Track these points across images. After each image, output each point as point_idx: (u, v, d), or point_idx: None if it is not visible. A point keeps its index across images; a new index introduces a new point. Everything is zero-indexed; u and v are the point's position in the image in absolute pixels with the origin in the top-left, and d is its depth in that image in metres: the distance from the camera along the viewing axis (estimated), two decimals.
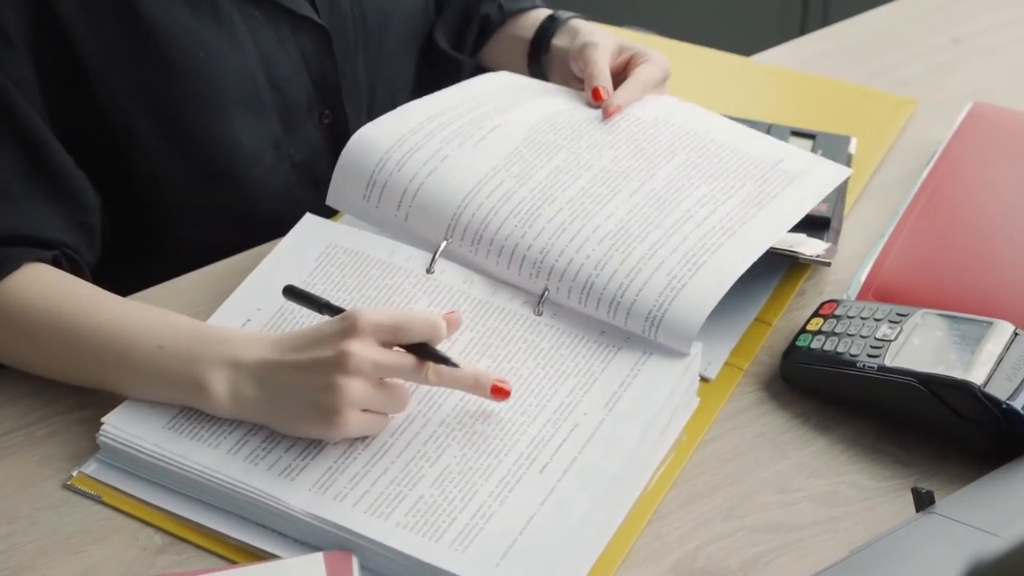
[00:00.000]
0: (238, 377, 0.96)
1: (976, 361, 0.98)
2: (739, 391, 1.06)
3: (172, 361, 0.98)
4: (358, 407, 0.93)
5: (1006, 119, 1.29)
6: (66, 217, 1.13)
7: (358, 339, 0.93)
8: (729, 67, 1.47)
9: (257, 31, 1.19)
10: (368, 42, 1.29)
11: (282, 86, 1.22)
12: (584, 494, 0.92)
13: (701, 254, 1.04)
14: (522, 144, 1.15)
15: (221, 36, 1.17)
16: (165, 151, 1.19)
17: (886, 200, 1.25)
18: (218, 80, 1.17)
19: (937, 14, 1.55)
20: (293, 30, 1.22)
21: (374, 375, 0.94)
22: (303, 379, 0.94)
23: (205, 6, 1.16)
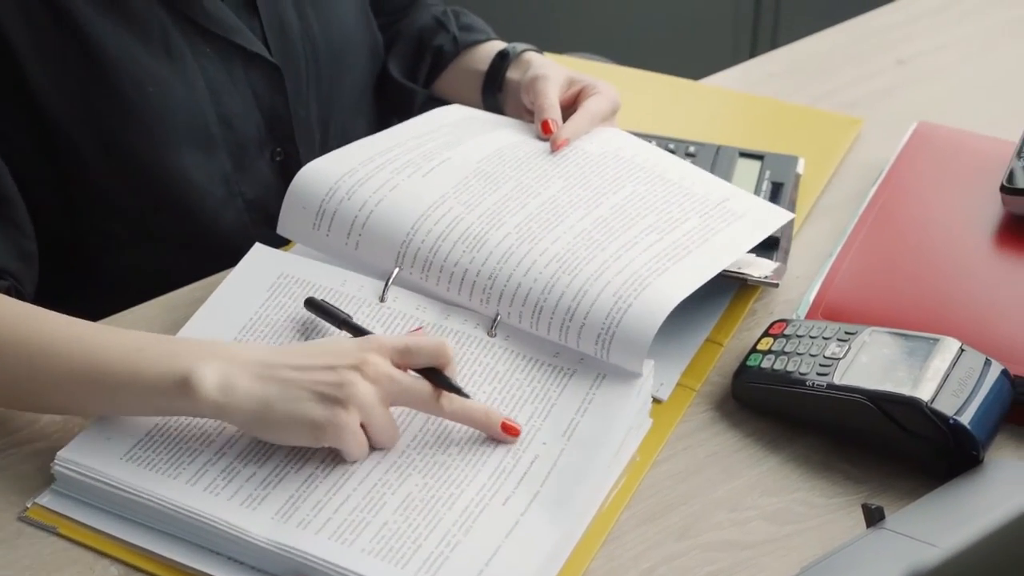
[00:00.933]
0: (231, 371, 0.94)
1: (923, 377, 0.99)
2: (691, 411, 1.07)
3: (152, 360, 0.95)
4: (362, 412, 0.93)
5: (950, 138, 1.31)
6: (11, 245, 1.13)
7: (378, 354, 0.94)
8: (678, 91, 1.49)
9: (208, 67, 1.20)
10: (320, 80, 1.30)
11: (233, 123, 1.22)
12: (550, 527, 0.93)
13: (647, 276, 1.05)
14: (471, 174, 1.16)
15: (172, 71, 1.18)
16: (114, 181, 1.19)
17: (834, 220, 1.26)
18: (168, 115, 1.18)
19: (882, 36, 1.58)
20: (244, 67, 1.22)
21: (388, 390, 0.94)
22: (314, 376, 0.93)
23: (156, 41, 1.17)
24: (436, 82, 1.41)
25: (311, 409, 0.93)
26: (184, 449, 0.98)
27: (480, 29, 1.41)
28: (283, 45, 1.25)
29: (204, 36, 1.19)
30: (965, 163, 1.27)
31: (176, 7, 1.17)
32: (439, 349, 0.96)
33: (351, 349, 0.95)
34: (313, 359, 0.94)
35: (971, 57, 1.53)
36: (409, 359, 0.96)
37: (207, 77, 1.20)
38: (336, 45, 1.30)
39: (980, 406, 0.98)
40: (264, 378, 0.94)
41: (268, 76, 1.24)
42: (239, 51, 1.21)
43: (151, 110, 1.17)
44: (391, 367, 0.94)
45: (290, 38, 1.26)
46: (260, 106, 1.24)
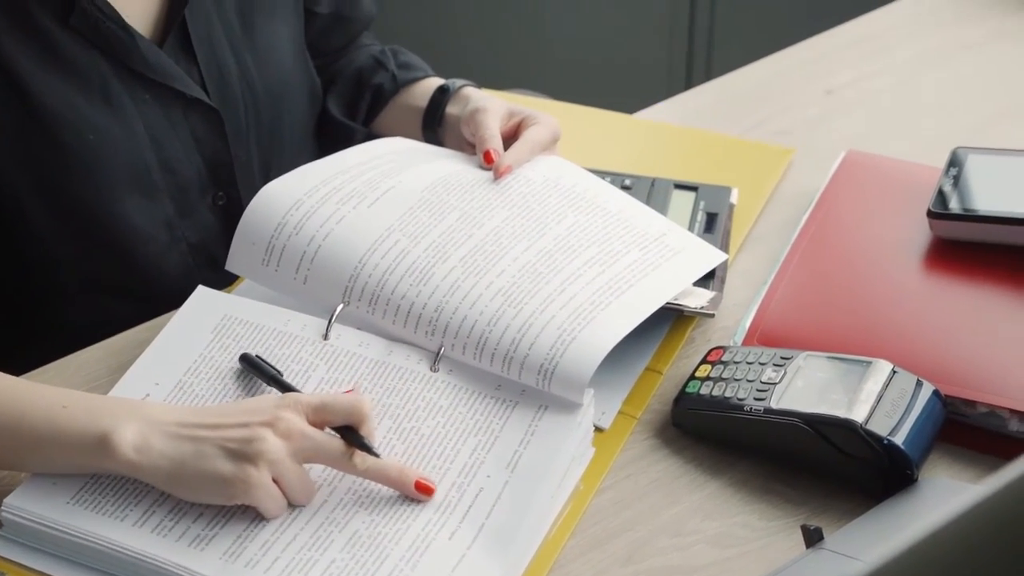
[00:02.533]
0: (149, 431, 0.95)
1: (857, 400, 1.02)
2: (633, 439, 1.09)
3: (75, 417, 0.96)
4: (273, 469, 0.93)
5: (878, 166, 1.34)
6: None
7: (291, 411, 0.95)
8: (613, 125, 1.51)
9: (147, 113, 1.21)
10: (260, 123, 1.31)
11: (174, 168, 1.23)
12: (496, 560, 0.94)
13: (590, 311, 1.07)
14: (416, 204, 1.17)
15: (111, 118, 1.18)
16: (57, 228, 1.20)
17: (767, 247, 1.29)
18: (108, 161, 1.18)
19: (810, 67, 1.61)
20: (184, 112, 1.23)
21: (300, 446, 0.94)
22: (224, 434, 0.94)
23: (95, 89, 1.17)
24: (376, 120, 1.42)
25: (220, 466, 0.93)
26: (130, 491, 0.98)
27: (418, 67, 1.43)
28: (222, 89, 1.26)
29: (143, 83, 1.20)
30: (893, 190, 1.30)
31: (115, 56, 1.18)
32: (355, 407, 0.96)
33: (266, 406, 0.96)
34: (227, 417, 0.96)
35: (895, 87, 1.56)
36: (325, 416, 0.96)
37: (147, 123, 1.21)
38: (275, 88, 1.32)
39: (913, 426, 1.01)
40: (179, 437, 0.95)
41: (208, 120, 1.25)
42: (178, 97, 1.22)
43: (91, 158, 1.17)
44: (305, 424, 0.95)
45: (228, 82, 1.27)
46: (201, 151, 1.25)
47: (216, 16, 1.26)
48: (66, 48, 1.16)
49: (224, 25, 1.27)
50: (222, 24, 1.26)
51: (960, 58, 1.61)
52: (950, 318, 1.14)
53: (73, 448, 0.97)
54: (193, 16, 1.24)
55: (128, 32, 1.18)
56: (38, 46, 1.15)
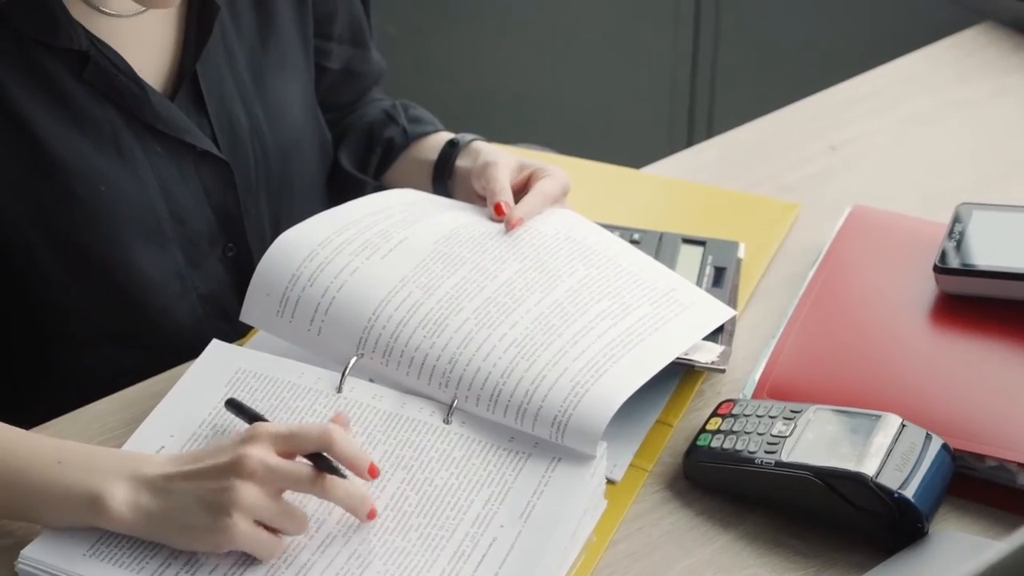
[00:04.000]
0: (138, 487, 0.97)
1: (867, 453, 1.03)
2: (644, 491, 1.10)
3: (69, 475, 0.98)
4: (250, 514, 0.94)
5: (884, 221, 1.35)
6: None
7: (255, 445, 0.96)
8: (620, 180, 1.53)
9: (158, 165, 1.22)
10: (270, 177, 1.32)
11: (184, 219, 1.24)
12: None
13: (603, 363, 1.08)
14: (428, 256, 1.18)
15: (122, 169, 1.19)
16: (67, 277, 1.20)
17: (775, 301, 1.30)
18: (120, 212, 1.19)
19: (813, 124, 1.62)
20: (195, 164, 1.25)
21: (269, 481, 0.95)
22: (198, 484, 0.96)
23: (107, 139, 1.19)
24: (387, 173, 1.44)
25: (201, 520, 0.95)
26: (147, 544, 0.99)
27: (428, 121, 1.45)
28: (232, 143, 1.28)
29: (154, 135, 1.22)
30: (899, 245, 1.31)
31: (127, 109, 1.20)
32: (323, 433, 0.97)
33: (229, 444, 0.97)
34: (199, 463, 0.97)
35: (899, 142, 1.58)
36: (294, 445, 0.98)
37: (158, 175, 1.22)
38: (285, 142, 1.33)
39: (923, 479, 1.02)
40: (163, 492, 0.97)
41: (218, 173, 1.26)
42: (189, 149, 1.24)
43: (103, 208, 1.19)
44: (269, 455, 0.96)
45: (239, 137, 1.28)
46: (211, 203, 1.27)
47: (228, 71, 1.27)
48: (79, 100, 1.17)
49: (236, 80, 1.28)
50: (234, 79, 1.28)
51: (962, 115, 1.62)
52: (958, 372, 1.15)
53: (67, 505, 0.98)
54: (205, 71, 1.25)
55: (140, 86, 1.20)
56: (51, 98, 1.16)
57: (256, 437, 0.97)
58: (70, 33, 1.15)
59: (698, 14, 2.59)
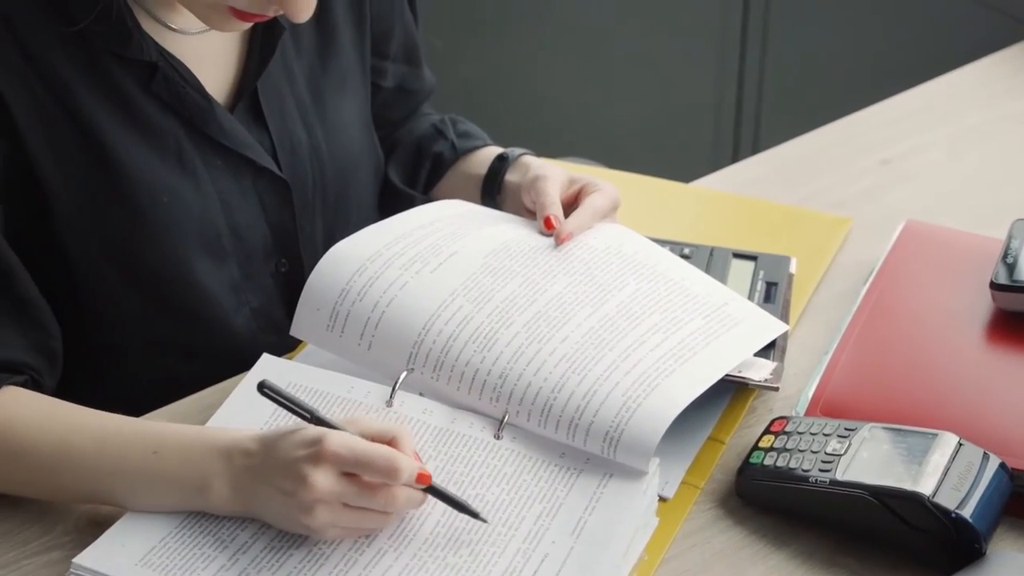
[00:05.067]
0: (232, 478, 1.01)
1: (924, 472, 1.01)
2: (696, 509, 1.09)
3: (167, 465, 1.02)
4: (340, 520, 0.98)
5: (939, 236, 1.34)
6: (31, 341, 1.15)
7: (321, 470, 0.97)
8: (669, 194, 1.52)
9: (219, 179, 1.23)
10: (326, 196, 1.32)
11: (242, 234, 1.25)
12: None
13: (655, 377, 1.08)
14: (479, 270, 1.18)
15: (185, 182, 1.20)
16: (124, 288, 1.21)
17: (827, 317, 1.29)
18: (180, 224, 1.20)
19: (863, 138, 1.61)
20: (253, 179, 1.25)
21: (338, 500, 0.97)
22: (278, 487, 0.99)
23: (171, 151, 1.19)
24: (435, 188, 1.44)
25: (294, 525, 0.99)
26: (198, 555, 0.99)
27: (477, 136, 1.45)
28: (292, 161, 1.28)
29: (216, 150, 1.22)
30: (954, 261, 1.30)
31: (191, 121, 1.20)
32: (391, 470, 0.97)
33: (297, 458, 0.98)
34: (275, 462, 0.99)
35: (951, 157, 1.57)
36: (360, 471, 0.98)
37: (218, 188, 1.23)
38: (343, 163, 1.33)
39: (981, 499, 1.00)
40: (248, 487, 1.01)
41: (276, 189, 1.27)
42: (249, 164, 1.24)
43: (164, 219, 1.19)
44: (331, 479, 0.97)
45: (299, 156, 1.29)
46: (268, 219, 1.27)
47: (288, 90, 1.28)
48: (145, 112, 1.18)
49: (296, 100, 1.29)
50: (294, 99, 1.29)
51: (1014, 129, 1.61)
52: (1015, 390, 1.13)
53: (173, 490, 1.02)
54: (265, 89, 1.26)
55: (207, 99, 1.20)
56: (119, 108, 1.17)
57: (322, 458, 0.97)
58: (141, 44, 1.16)
59: (745, 28, 2.58)
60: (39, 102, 1.13)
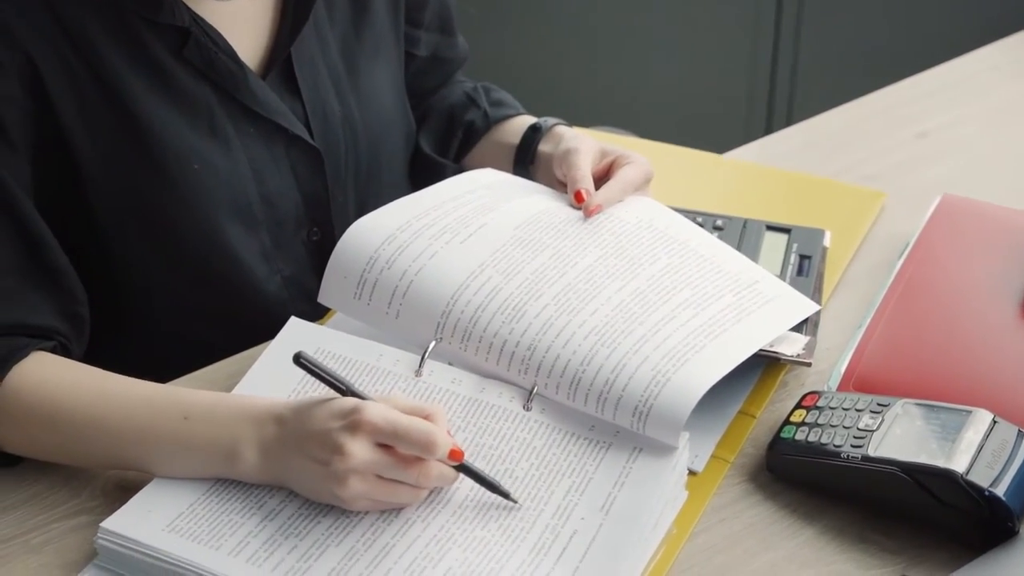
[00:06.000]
0: (262, 444, 1.00)
1: (957, 449, 1.00)
2: (726, 483, 1.08)
3: (197, 431, 1.02)
4: (372, 491, 0.97)
5: (975, 211, 1.33)
6: (60, 308, 1.15)
7: (357, 440, 0.96)
8: (702, 165, 1.51)
9: (250, 147, 1.22)
10: (359, 165, 1.32)
11: (273, 201, 1.24)
12: None
13: (685, 352, 1.07)
14: (508, 242, 1.17)
15: (216, 149, 1.20)
16: (156, 255, 1.21)
17: (861, 291, 1.28)
18: (211, 192, 1.19)
19: (899, 111, 1.60)
20: (286, 148, 1.24)
21: (371, 471, 0.97)
22: (312, 456, 0.98)
23: (202, 118, 1.19)
24: (467, 156, 1.43)
25: (325, 495, 0.99)
26: (226, 521, 0.99)
27: (510, 104, 1.44)
28: (324, 130, 1.27)
29: (248, 117, 1.21)
30: (991, 235, 1.28)
31: (223, 89, 1.19)
32: (428, 444, 0.96)
33: (333, 429, 0.97)
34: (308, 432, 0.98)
35: (990, 130, 1.55)
36: (396, 445, 0.97)
37: (250, 156, 1.22)
38: (375, 132, 1.32)
39: (1015, 478, 0.99)
40: (279, 454, 1.00)
41: (308, 158, 1.26)
42: (281, 133, 1.24)
43: (195, 187, 1.19)
44: (367, 449, 0.96)
45: (331, 124, 1.28)
46: (300, 187, 1.26)
47: (321, 59, 1.27)
48: (177, 78, 1.17)
49: (329, 69, 1.28)
50: (327, 66, 1.28)
51: None
52: None
53: (203, 457, 1.02)
54: (298, 55, 1.25)
55: (239, 65, 1.20)
56: (150, 74, 1.16)
57: (359, 428, 0.96)
58: (173, 9, 1.15)
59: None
60: (70, 68, 1.13)
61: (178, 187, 1.18)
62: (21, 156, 1.12)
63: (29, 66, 1.11)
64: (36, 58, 1.11)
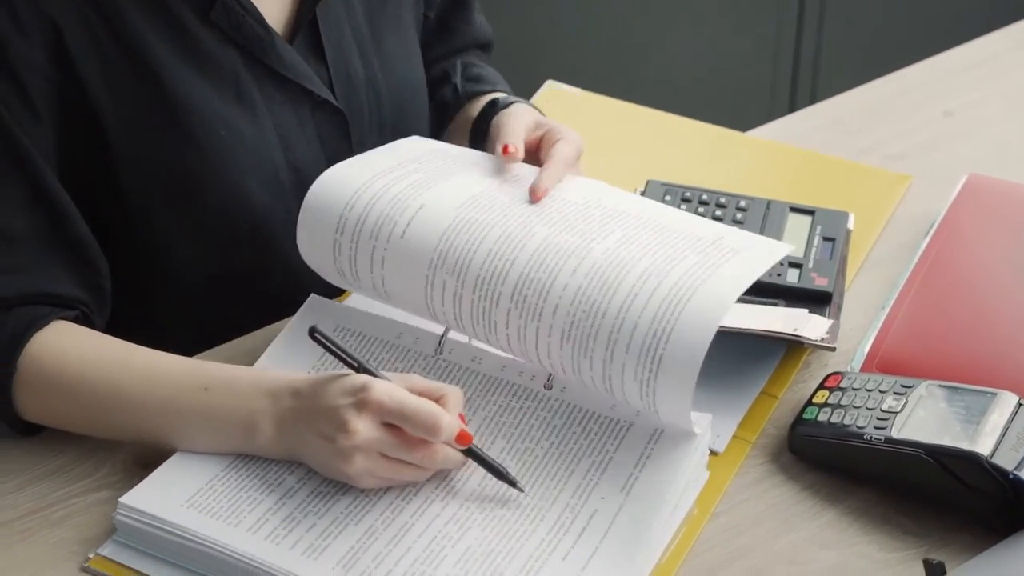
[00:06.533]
0: (278, 420, 1.00)
1: (982, 432, 0.99)
2: (748, 464, 1.07)
3: (218, 402, 1.02)
4: (377, 469, 0.97)
5: (1002, 190, 1.31)
6: (82, 278, 1.14)
7: (363, 418, 0.96)
8: (725, 142, 1.50)
9: (276, 112, 1.21)
10: (383, 128, 1.31)
11: (299, 168, 1.23)
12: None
13: (675, 305, 0.99)
14: (452, 228, 1.08)
15: (243, 115, 1.19)
16: (179, 224, 1.20)
17: (885, 272, 1.27)
18: (238, 158, 1.19)
19: (926, 89, 1.58)
20: (312, 112, 1.24)
21: (376, 449, 0.97)
22: (319, 433, 0.98)
23: (229, 84, 1.18)
24: (444, 133, 1.41)
25: (333, 471, 0.99)
26: (245, 498, 0.99)
27: (488, 80, 1.40)
28: (348, 93, 1.27)
29: (275, 81, 1.21)
30: (1018, 215, 1.27)
31: (250, 53, 1.19)
32: (433, 427, 0.96)
33: (341, 407, 0.97)
34: (317, 406, 0.99)
35: (1017, 109, 1.53)
36: (401, 424, 0.97)
37: (276, 122, 1.21)
38: (399, 94, 1.32)
39: None
40: (292, 429, 1.00)
41: (334, 123, 1.25)
42: (307, 97, 1.23)
43: (221, 153, 1.18)
44: (372, 428, 0.96)
45: (355, 87, 1.27)
46: (326, 153, 1.25)
47: (346, 20, 1.26)
48: (203, 42, 1.17)
49: (353, 30, 1.27)
50: (351, 28, 1.27)
51: None
52: None
53: (222, 429, 1.02)
54: (324, 17, 1.24)
55: (266, 28, 1.19)
56: (176, 39, 1.15)
57: (366, 407, 0.96)
58: None
59: None
60: (94, 32, 1.12)
61: (204, 153, 1.18)
62: (46, 125, 1.12)
63: (54, 32, 1.10)
64: (60, 23, 1.10)
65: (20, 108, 1.10)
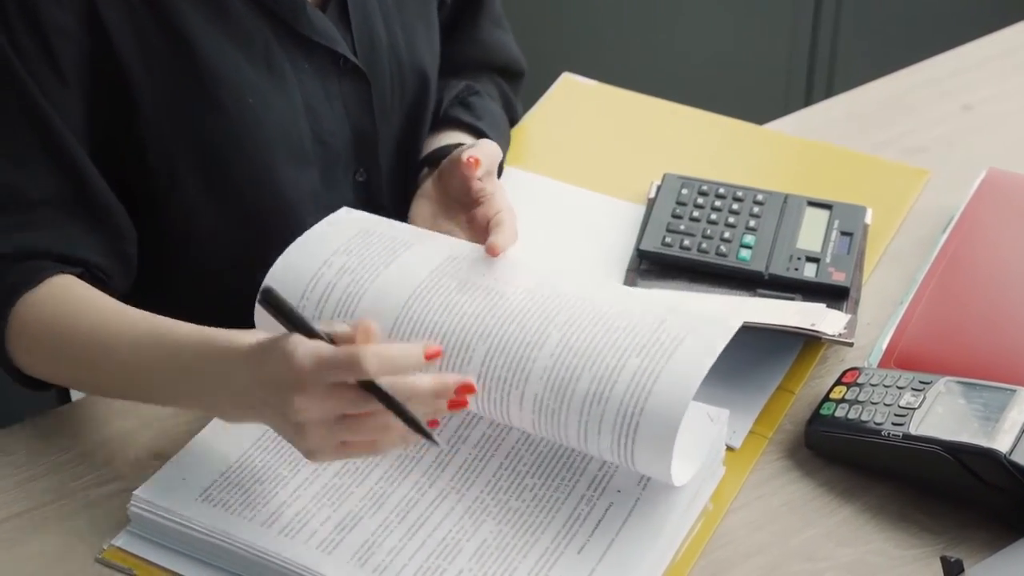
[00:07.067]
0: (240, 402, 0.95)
1: (1000, 429, 0.99)
2: (764, 459, 1.07)
3: (195, 367, 0.97)
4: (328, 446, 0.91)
5: (1022, 185, 1.30)
6: (103, 243, 1.14)
7: (302, 395, 0.90)
8: (741, 135, 1.49)
9: (305, 82, 1.21)
10: (404, 102, 1.30)
11: (326, 139, 1.23)
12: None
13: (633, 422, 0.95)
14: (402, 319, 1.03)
15: (271, 83, 1.19)
16: (204, 194, 1.20)
17: (903, 267, 1.26)
18: (265, 128, 1.18)
19: (944, 82, 1.57)
20: (339, 81, 1.23)
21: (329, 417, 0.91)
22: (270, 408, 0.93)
23: (259, 52, 1.18)
24: None
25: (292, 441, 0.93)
26: (259, 491, 0.98)
27: (479, 115, 1.36)
28: (371, 61, 1.26)
29: (304, 51, 1.20)
30: None
31: (281, 20, 1.18)
32: (353, 364, 0.88)
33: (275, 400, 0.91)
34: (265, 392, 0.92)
35: None
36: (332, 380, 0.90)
37: (304, 92, 1.21)
38: (420, 68, 1.31)
39: None
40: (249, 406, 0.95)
41: (359, 91, 1.24)
42: (335, 66, 1.22)
43: (248, 121, 1.18)
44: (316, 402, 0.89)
45: (379, 54, 1.27)
46: (351, 123, 1.25)
47: None
48: (235, 10, 1.16)
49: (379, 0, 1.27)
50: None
51: None
52: None
53: (224, 359, 0.96)
54: None
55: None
56: (208, 6, 1.15)
57: (299, 386, 0.89)
58: None
59: None
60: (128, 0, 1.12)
61: (231, 120, 1.17)
62: (74, 92, 1.12)
63: None
64: None
65: (48, 74, 1.10)
